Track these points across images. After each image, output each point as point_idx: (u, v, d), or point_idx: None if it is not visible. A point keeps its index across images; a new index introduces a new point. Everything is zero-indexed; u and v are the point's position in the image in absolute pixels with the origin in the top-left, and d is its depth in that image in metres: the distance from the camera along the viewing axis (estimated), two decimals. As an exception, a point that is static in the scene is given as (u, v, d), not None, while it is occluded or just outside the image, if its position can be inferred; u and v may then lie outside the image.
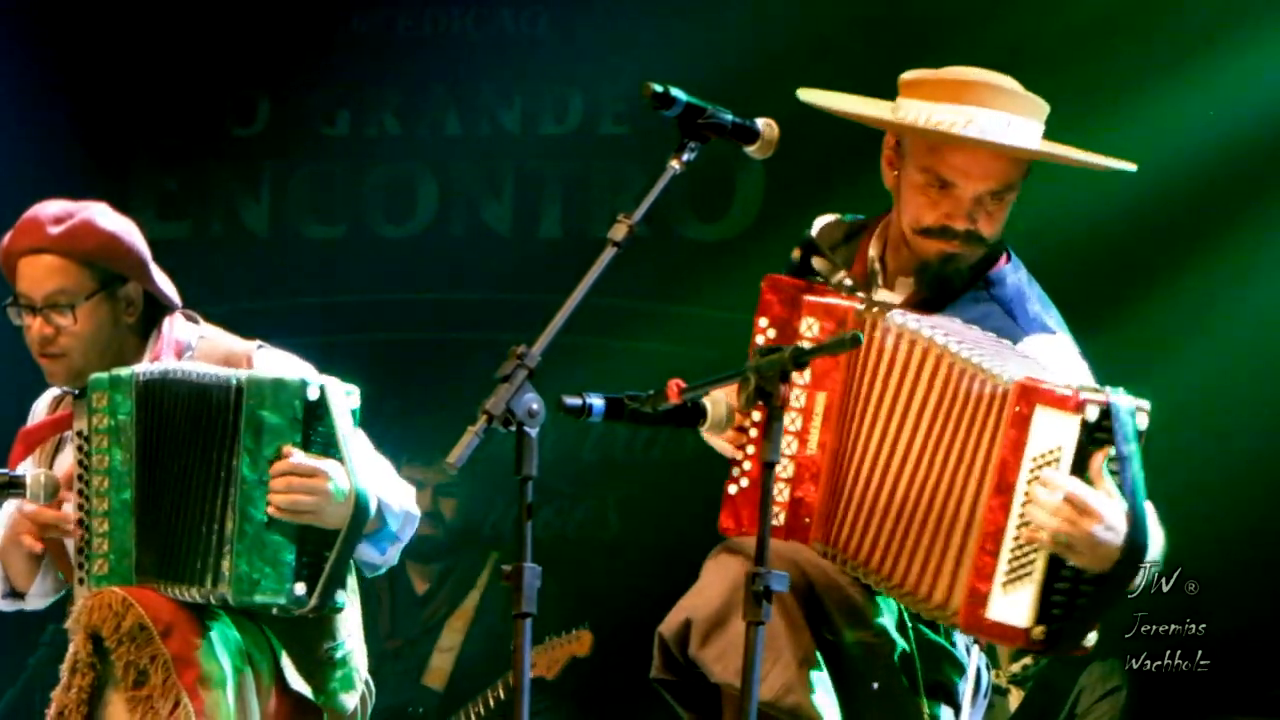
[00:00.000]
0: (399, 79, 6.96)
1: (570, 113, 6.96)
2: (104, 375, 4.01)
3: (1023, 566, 3.38)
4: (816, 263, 3.78)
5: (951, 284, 3.63)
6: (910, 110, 3.61)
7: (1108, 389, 3.31)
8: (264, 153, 7.02)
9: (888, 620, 3.59)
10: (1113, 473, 3.28)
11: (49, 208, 4.10)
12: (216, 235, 7.02)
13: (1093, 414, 3.26)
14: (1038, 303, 3.69)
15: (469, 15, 6.97)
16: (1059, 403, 3.29)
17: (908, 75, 3.69)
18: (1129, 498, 3.30)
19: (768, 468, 3.10)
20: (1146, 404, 3.34)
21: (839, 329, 3.50)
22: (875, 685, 3.58)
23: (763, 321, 3.61)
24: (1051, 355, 3.62)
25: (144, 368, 3.99)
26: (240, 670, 3.89)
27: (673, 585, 3.84)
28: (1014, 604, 3.32)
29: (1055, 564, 3.30)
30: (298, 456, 3.88)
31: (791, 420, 3.63)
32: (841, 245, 3.80)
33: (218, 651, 3.90)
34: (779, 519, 3.60)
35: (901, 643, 3.62)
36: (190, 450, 3.97)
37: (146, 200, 6.54)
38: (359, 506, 3.90)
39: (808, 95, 3.70)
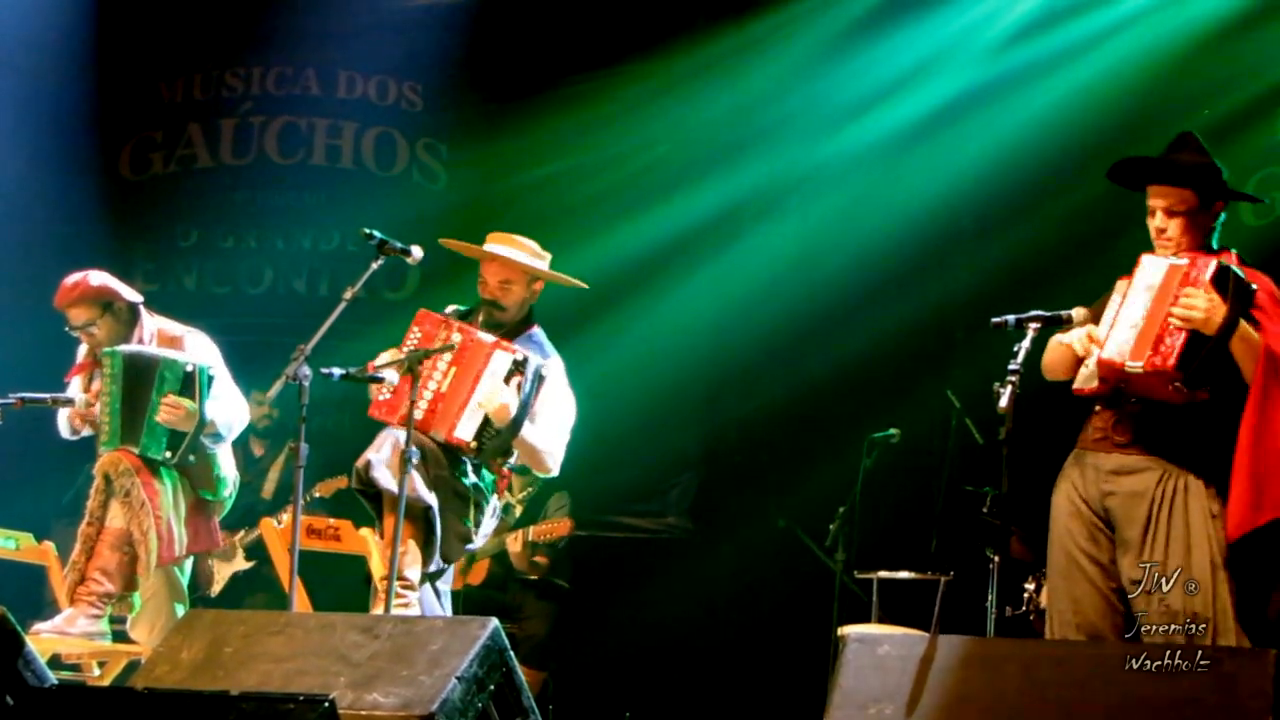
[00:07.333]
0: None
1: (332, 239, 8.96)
2: (110, 349, 5.36)
3: None
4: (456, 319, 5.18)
5: (502, 326, 5.19)
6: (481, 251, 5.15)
7: (521, 352, 4.97)
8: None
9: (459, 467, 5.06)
10: (518, 385, 4.88)
11: (69, 279, 5.33)
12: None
13: (514, 357, 4.92)
14: (549, 348, 5.32)
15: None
16: (507, 349, 4.98)
17: (492, 234, 5.22)
18: (525, 395, 4.88)
19: (411, 402, 4.70)
20: (519, 359, 4.80)
21: (449, 338, 5.04)
22: (453, 491, 5.05)
23: (415, 333, 5.10)
24: (553, 367, 5.23)
25: (124, 348, 5.34)
26: (173, 488, 5.34)
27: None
28: None
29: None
30: (173, 398, 5.26)
31: (432, 377, 5.07)
32: (467, 314, 5.34)
33: (164, 480, 5.31)
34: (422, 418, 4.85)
35: (463, 477, 5.06)
36: (140, 386, 5.34)
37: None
38: (200, 421, 5.33)
39: (448, 243, 5.18)
